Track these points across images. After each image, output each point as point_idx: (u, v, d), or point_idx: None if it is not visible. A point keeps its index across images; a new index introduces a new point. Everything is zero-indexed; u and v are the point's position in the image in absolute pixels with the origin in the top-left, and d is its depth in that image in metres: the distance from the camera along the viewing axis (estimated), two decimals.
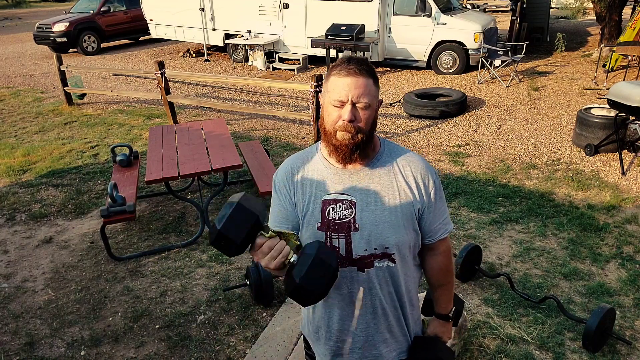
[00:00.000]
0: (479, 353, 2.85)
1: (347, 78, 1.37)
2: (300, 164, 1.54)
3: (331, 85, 1.40)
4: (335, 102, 1.39)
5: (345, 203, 1.45)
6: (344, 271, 1.48)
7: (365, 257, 1.46)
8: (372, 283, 1.49)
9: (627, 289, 3.35)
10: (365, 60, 1.41)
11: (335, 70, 1.41)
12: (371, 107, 1.40)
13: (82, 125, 7.29)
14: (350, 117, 1.37)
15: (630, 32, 8.30)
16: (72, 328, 3.20)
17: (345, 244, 1.45)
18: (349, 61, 1.39)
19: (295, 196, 1.51)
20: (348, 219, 1.45)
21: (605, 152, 5.47)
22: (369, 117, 1.41)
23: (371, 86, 1.40)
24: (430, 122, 6.92)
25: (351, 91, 1.37)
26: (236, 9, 10.43)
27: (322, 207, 1.47)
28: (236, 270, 3.73)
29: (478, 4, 16.69)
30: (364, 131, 1.40)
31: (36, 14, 22.20)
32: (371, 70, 1.41)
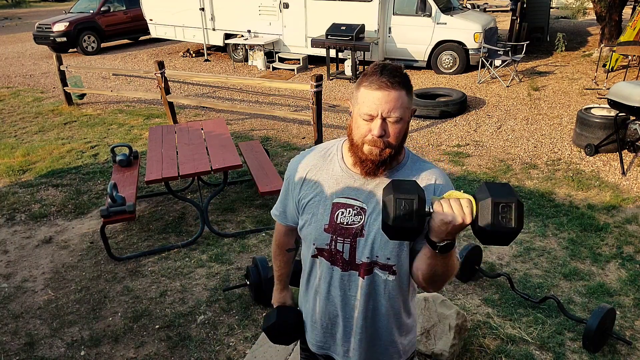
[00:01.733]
0: (479, 353, 2.85)
1: (379, 92, 1.30)
2: (319, 163, 1.52)
3: (361, 97, 1.34)
4: (365, 116, 1.33)
5: (356, 209, 1.43)
6: (344, 274, 1.48)
7: (367, 264, 1.45)
8: (371, 289, 1.48)
9: (627, 289, 3.35)
10: (399, 70, 1.33)
11: (366, 81, 1.33)
12: (403, 120, 1.34)
13: (81, 125, 7.28)
14: (380, 132, 1.32)
15: (631, 32, 8.30)
16: (72, 328, 3.20)
17: (350, 249, 1.44)
18: (381, 72, 1.31)
19: (302, 192, 1.51)
20: (356, 226, 1.43)
21: (606, 152, 5.47)
22: (400, 131, 1.35)
23: (404, 98, 1.32)
24: (430, 122, 6.92)
25: (382, 105, 1.30)
26: (236, 9, 10.43)
27: (332, 209, 1.45)
28: (236, 270, 3.72)
29: (478, 4, 16.69)
30: (394, 146, 1.35)
31: (36, 14, 22.19)
32: (405, 80, 1.33)
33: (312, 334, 1.66)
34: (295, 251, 1.79)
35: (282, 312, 1.74)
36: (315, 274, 1.56)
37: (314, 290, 1.58)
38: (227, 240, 4.13)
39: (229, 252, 3.95)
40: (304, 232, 1.53)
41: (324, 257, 1.50)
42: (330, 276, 1.51)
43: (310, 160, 1.54)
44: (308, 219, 1.50)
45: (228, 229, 4.31)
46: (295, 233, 1.67)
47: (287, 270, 1.82)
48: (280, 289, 1.84)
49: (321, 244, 1.48)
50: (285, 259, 1.79)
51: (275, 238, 1.76)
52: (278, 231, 1.74)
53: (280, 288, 1.84)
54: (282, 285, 1.84)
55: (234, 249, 3.99)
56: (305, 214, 1.51)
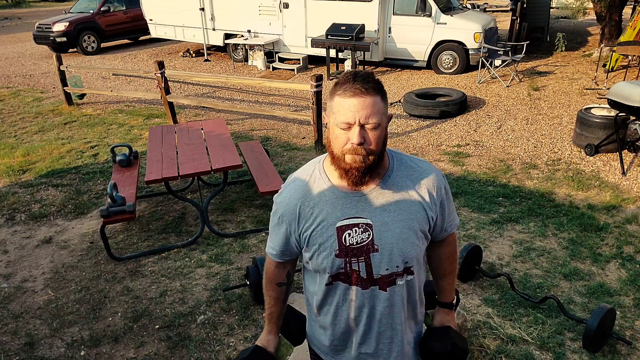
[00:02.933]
0: (479, 353, 2.85)
1: (353, 99, 1.29)
2: (306, 192, 1.46)
3: (336, 106, 1.32)
4: (342, 125, 1.31)
5: (362, 227, 1.40)
6: (365, 292, 1.45)
7: (387, 276, 1.44)
8: (396, 300, 1.47)
9: (627, 289, 3.35)
10: (371, 76, 1.33)
11: (340, 89, 1.32)
12: (381, 126, 1.32)
13: (81, 125, 7.28)
14: (359, 139, 1.29)
15: (631, 32, 8.29)
16: (72, 328, 3.20)
17: (365, 266, 1.42)
18: (354, 79, 1.30)
19: (302, 226, 1.46)
20: (366, 242, 1.41)
21: (606, 152, 5.46)
22: (379, 137, 1.33)
23: (379, 104, 1.32)
24: (430, 122, 6.92)
25: (358, 112, 1.28)
26: (236, 9, 10.43)
27: (338, 234, 1.41)
28: (236, 270, 3.72)
29: (478, 4, 16.69)
30: (375, 152, 1.33)
31: (36, 13, 22.19)
32: (378, 86, 1.33)
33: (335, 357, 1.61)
34: (287, 287, 1.68)
35: (256, 354, 1.63)
36: (332, 301, 1.51)
37: (332, 315, 1.52)
38: (227, 240, 4.13)
39: (229, 252, 3.95)
40: (314, 264, 1.48)
41: (340, 281, 1.46)
42: (350, 298, 1.47)
43: (297, 192, 1.47)
44: (316, 249, 1.45)
45: (228, 229, 4.30)
46: (288, 266, 1.63)
47: (278, 309, 1.67)
48: (268, 331, 1.68)
49: (335, 271, 1.44)
50: (276, 295, 1.65)
51: (265, 271, 1.65)
52: (268, 265, 1.64)
53: (268, 330, 1.68)
54: (271, 327, 1.68)
55: (234, 249, 3.99)
56: (312, 246, 1.45)
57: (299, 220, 1.46)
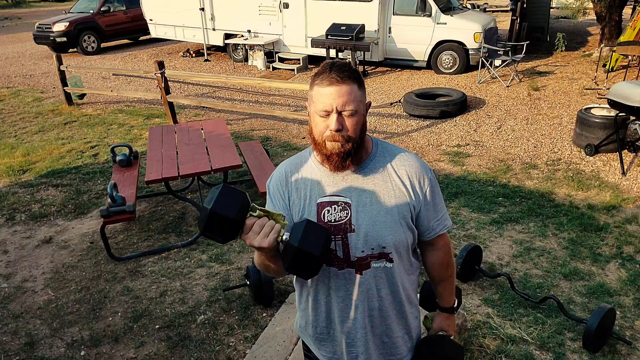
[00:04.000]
0: (479, 353, 2.85)
1: (330, 87, 1.35)
2: (294, 168, 1.53)
3: (315, 95, 1.39)
4: (320, 113, 1.37)
5: (341, 205, 1.45)
6: (342, 273, 1.47)
7: (363, 259, 1.45)
8: (370, 284, 1.48)
9: (627, 289, 3.35)
10: (347, 66, 1.39)
11: (317, 79, 1.39)
12: (358, 112, 1.38)
13: (82, 125, 7.28)
14: (337, 126, 1.36)
15: (631, 32, 8.29)
16: (72, 328, 3.20)
17: (342, 245, 1.45)
18: (330, 68, 1.37)
19: (290, 200, 1.51)
20: (344, 221, 1.44)
21: (606, 152, 5.46)
22: (357, 124, 1.39)
23: (356, 92, 1.37)
24: (430, 122, 6.92)
25: (335, 100, 1.35)
26: (236, 9, 10.43)
27: (318, 209, 1.46)
28: (236, 270, 3.72)
29: (478, 4, 16.68)
30: (353, 139, 1.39)
31: (36, 14, 22.20)
32: (354, 74, 1.38)
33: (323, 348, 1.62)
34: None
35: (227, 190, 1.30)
36: (311, 284, 1.54)
37: (313, 298, 1.56)
38: None
39: (229, 252, 3.95)
40: None
41: None
42: (328, 279, 1.50)
43: (281, 172, 1.55)
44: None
45: None
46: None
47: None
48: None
49: None
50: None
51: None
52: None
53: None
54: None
55: (234, 249, 3.99)
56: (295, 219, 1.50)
57: (290, 195, 1.52)
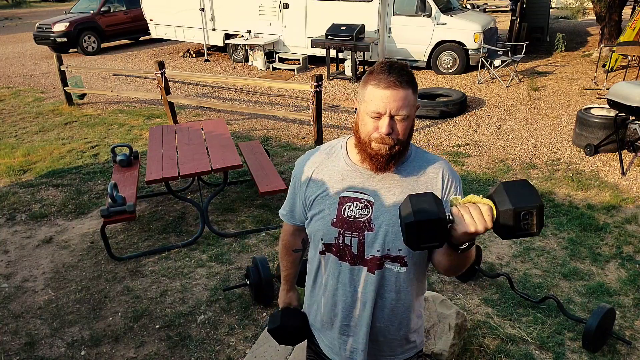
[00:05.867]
0: (479, 353, 2.85)
1: (387, 91, 1.33)
2: (324, 161, 1.53)
3: (369, 95, 1.36)
4: (372, 114, 1.35)
5: (363, 202, 1.44)
6: (353, 269, 1.48)
7: (377, 258, 1.45)
8: (380, 284, 1.48)
9: (627, 289, 3.36)
10: (406, 69, 1.37)
11: (374, 80, 1.35)
12: (409, 117, 1.37)
13: (82, 125, 7.29)
14: (388, 130, 1.34)
15: (630, 32, 8.30)
16: (72, 328, 3.20)
17: (358, 243, 1.45)
18: (389, 70, 1.34)
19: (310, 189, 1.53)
20: (363, 219, 1.44)
21: (605, 152, 5.47)
22: (407, 128, 1.38)
23: (410, 97, 1.36)
24: (430, 122, 6.92)
25: (390, 104, 1.33)
26: (236, 9, 10.43)
27: (339, 203, 1.46)
28: (236, 270, 3.73)
29: (478, 4, 16.69)
30: (402, 142, 1.39)
31: (36, 14, 22.20)
32: (411, 79, 1.37)
33: (324, 337, 1.64)
34: (302, 252, 1.79)
35: (286, 315, 1.74)
36: (322, 272, 1.57)
37: (322, 288, 1.58)
38: (227, 240, 4.14)
39: (229, 252, 3.96)
40: (312, 228, 1.54)
41: (332, 253, 1.50)
42: (338, 272, 1.51)
43: (316, 159, 1.56)
44: (315, 214, 1.51)
45: (228, 229, 4.31)
46: (302, 233, 1.69)
47: (294, 271, 1.82)
48: (287, 290, 1.84)
49: (329, 239, 1.48)
50: (292, 259, 1.79)
51: (282, 238, 1.77)
52: (285, 231, 1.75)
53: (287, 289, 1.84)
54: (289, 286, 1.83)
55: (234, 249, 4.00)
56: (313, 210, 1.52)
57: (308, 184, 1.53)
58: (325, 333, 1.63)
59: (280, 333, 1.71)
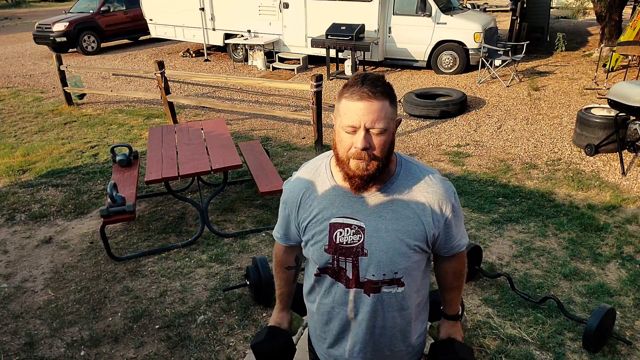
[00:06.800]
0: (479, 353, 2.85)
1: (360, 102, 1.26)
2: (310, 185, 1.48)
3: (343, 109, 1.30)
4: (347, 129, 1.29)
5: (354, 228, 1.39)
6: (349, 291, 1.46)
7: (373, 282, 1.42)
8: (377, 306, 1.45)
9: (627, 289, 3.35)
10: (380, 80, 1.30)
11: (347, 92, 1.29)
12: (387, 131, 1.29)
13: (81, 125, 7.28)
14: (363, 144, 1.27)
15: (631, 32, 8.29)
16: (71, 328, 3.20)
17: (352, 267, 1.42)
18: (362, 82, 1.27)
19: (301, 215, 1.49)
20: (356, 245, 1.40)
21: (606, 152, 5.46)
22: (385, 143, 1.30)
23: (387, 109, 1.28)
24: (430, 122, 6.92)
25: (364, 117, 1.26)
26: (236, 9, 10.43)
27: (330, 230, 1.42)
28: (236, 270, 3.72)
29: (478, 4, 16.68)
30: (379, 159, 1.31)
31: (36, 13, 22.19)
32: (387, 90, 1.29)
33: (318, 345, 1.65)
34: (296, 270, 1.74)
35: (272, 334, 1.70)
36: (319, 291, 1.54)
37: (317, 303, 1.56)
38: (227, 240, 4.13)
39: (229, 252, 3.95)
40: (306, 252, 1.53)
41: (327, 274, 1.48)
42: (334, 292, 1.49)
43: (302, 182, 1.50)
44: (308, 240, 1.48)
45: (228, 229, 4.30)
46: (296, 250, 1.66)
47: (288, 290, 1.75)
48: (280, 309, 1.76)
49: (323, 264, 1.46)
50: (285, 276, 1.73)
51: (275, 255, 1.72)
52: (277, 248, 1.71)
53: (279, 308, 1.76)
54: (282, 306, 1.76)
55: (234, 249, 3.99)
56: (306, 236, 1.49)
57: (299, 210, 1.49)
58: (320, 346, 1.63)
59: (261, 350, 1.68)
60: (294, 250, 1.66)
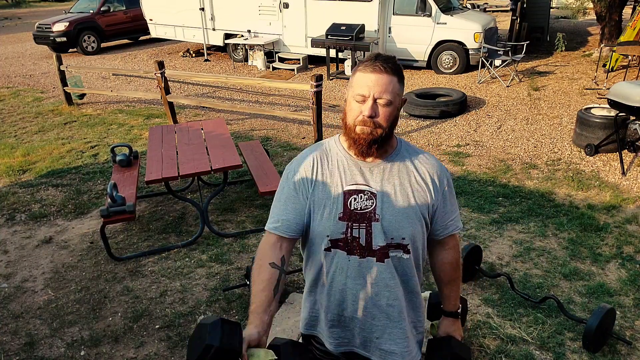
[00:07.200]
0: (479, 353, 2.85)
1: (372, 74, 1.39)
2: (322, 155, 1.55)
3: (356, 80, 1.43)
4: (357, 97, 1.41)
5: (367, 194, 1.48)
6: (363, 261, 1.50)
7: (383, 247, 1.48)
8: (387, 273, 1.51)
9: (627, 289, 3.35)
10: (392, 58, 1.43)
11: (361, 66, 1.43)
12: (393, 104, 1.42)
13: (81, 125, 7.28)
14: (370, 112, 1.39)
15: (631, 32, 8.29)
16: (72, 328, 3.20)
17: (366, 234, 1.47)
18: (375, 58, 1.41)
19: (314, 187, 1.51)
20: (369, 210, 1.47)
21: (606, 152, 5.46)
22: (390, 115, 1.42)
23: (395, 84, 1.41)
24: (430, 122, 6.92)
25: (374, 87, 1.39)
26: (236, 9, 10.43)
27: (344, 197, 1.48)
28: (236, 270, 3.72)
29: (478, 4, 16.68)
30: (383, 127, 1.43)
31: (36, 13, 22.19)
32: (397, 68, 1.42)
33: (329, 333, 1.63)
34: (280, 274, 1.45)
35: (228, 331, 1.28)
36: (327, 270, 1.54)
37: (328, 285, 1.56)
38: (227, 240, 4.13)
39: (229, 252, 3.95)
40: (318, 228, 1.49)
41: (339, 248, 1.50)
42: (347, 267, 1.51)
43: (311, 160, 1.55)
44: (321, 213, 1.50)
45: (228, 229, 4.31)
46: (285, 249, 1.50)
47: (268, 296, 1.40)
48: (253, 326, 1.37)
49: (336, 235, 1.49)
50: (267, 276, 1.43)
51: (258, 252, 1.51)
52: (263, 243, 1.52)
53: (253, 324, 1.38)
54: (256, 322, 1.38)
55: (234, 249, 3.99)
56: (318, 208, 1.50)
57: (314, 186, 1.52)
58: (333, 329, 1.62)
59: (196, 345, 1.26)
60: (282, 246, 1.50)
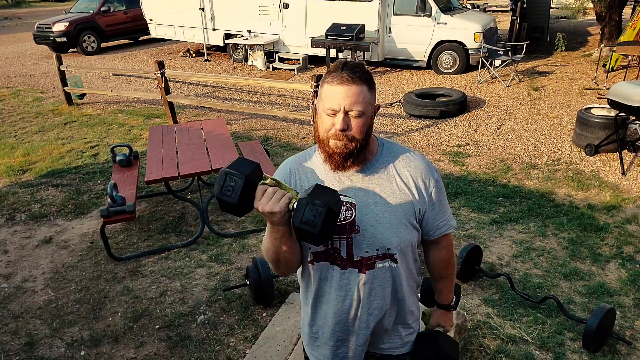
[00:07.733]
0: (479, 353, 2.85)
1: (340, 86, 1.35)
2: (298, 166, 1.52)
3: (324, 93, 1.39)
4: (327, 111, 1.37)
5: (346, 205, 1.44)
6: (344, 272, 1.47)
7: (367, 259, 1.45)
8: (373, 284, 1.48)
9: (627, 289, 3.35)
10: (359, 66, 1.38)
11: (328, 77, 1.39)
12: (365, 114, 1.37)
13: (81, 125, 7.28)
14: (342, 126, 1.35)
15: (631, 32, 8.30)
16: (72, 328, 3.20)
17: (347, 245, 1.45)
18: (342, 68, 1.37)
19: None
20: (349, 221, 1.44)
21: (606, 152, 5.46)
22: (363, 125, 1.38)
23: (365, 93, 1.37)
24: (430, 122, 6.92)
25: (343, 100, 1.34)
26: (236, 9, 10.43)
27: None
28: (236, 270, 3.72)
29: (478, 4, 16.68)
30: (357, 139, 1.38)
31: (36, 13, 22.19)
32: (365, 76, 1.38)
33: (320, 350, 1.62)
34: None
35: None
36: (313, 282, 1.54)
37: (313, 296, 1.56)
38: (227, 240, 4.13)
39: (229, 252, 3.95)
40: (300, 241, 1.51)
41: (321, 260, 1.49)
42: (330, 277, 1.50)
43: (291, 165, 1.54)
44: None
45: (228, 229, 4.31)
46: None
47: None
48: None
49: (317, 248, 1.47)
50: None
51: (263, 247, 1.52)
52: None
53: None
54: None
55: (234, 249, 3.99)
56: None
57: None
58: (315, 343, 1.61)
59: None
60: None
